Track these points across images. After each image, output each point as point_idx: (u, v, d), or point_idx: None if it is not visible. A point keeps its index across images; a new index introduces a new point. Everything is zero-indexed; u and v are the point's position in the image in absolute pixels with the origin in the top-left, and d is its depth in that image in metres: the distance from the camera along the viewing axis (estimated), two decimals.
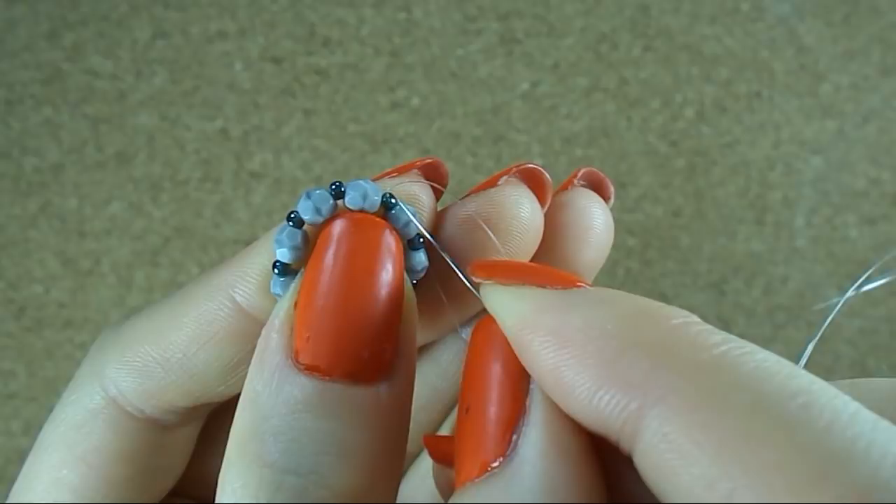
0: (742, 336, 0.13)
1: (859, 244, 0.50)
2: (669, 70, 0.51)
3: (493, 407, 0.14)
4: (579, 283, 0.14)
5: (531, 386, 0.14)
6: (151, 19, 0.51)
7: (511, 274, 0.15)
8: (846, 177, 0.51)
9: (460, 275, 0.17)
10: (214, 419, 0.21)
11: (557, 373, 0.13)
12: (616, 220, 0.20)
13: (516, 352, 0.14)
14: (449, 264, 0.17)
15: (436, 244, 0.17)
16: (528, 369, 0.14)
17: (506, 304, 0.14)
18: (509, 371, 0.14)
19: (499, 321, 0.15)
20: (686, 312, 0.14)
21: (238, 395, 0.16)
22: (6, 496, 0.48)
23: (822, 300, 0.49)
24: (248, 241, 0.48)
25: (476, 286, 0.16)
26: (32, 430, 0.46)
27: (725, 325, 0.48)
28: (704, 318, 0.14)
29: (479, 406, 0.15)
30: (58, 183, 0.48)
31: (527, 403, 0.14)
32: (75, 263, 0.48)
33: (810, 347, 0.18)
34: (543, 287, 0.14)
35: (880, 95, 0.52)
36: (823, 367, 0.49)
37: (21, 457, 0.45)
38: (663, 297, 0.48)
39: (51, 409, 0.19)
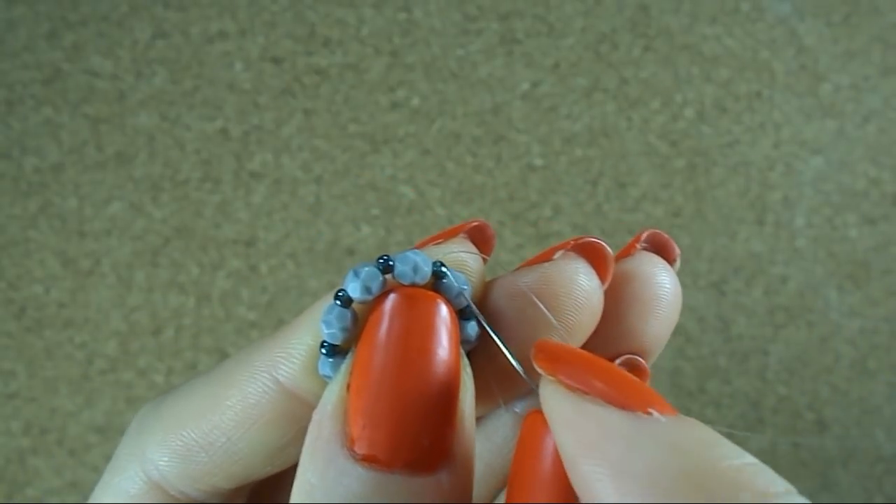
0: (741, 336, 0.12)
1: (859, 244, 0.50)
2: (669, 70, 0.51)
3: None
4: (649, 409, 0.13)
5: None
6: (151, 19, 0.51)
7: (577, 375, 0.13)
8: (846, 177, 0.51)
9: (515, 364, 0.16)
10: (259, 488, 0.20)
11: None
12: (616, 220, 0.19)
13: (569, 473, 0.13)
14: (501, 349, 0.16)
15: (484, 322, 0.16)
16: (578, 495, 0.13)
17: (567, 417, 0.13)
18: (558, 485, 0.13)
19: (556, 435, 0.13)
20: (767, 479, 0.12)
21: (284, 473, 0.15)
22: (6, 496, 0.48)
23: (823, 300, 0.49)
24: (248, 242, 0.48)
25: (530, 374, 0.14)
26: (32, 430, 0.46)
27: (725, 324, 0.48)
28: (704, 319, 0.13)
29: None
30: (58, 183, 0.48)
31: None
32: (75, 263, 0.48)
33: None
34: (610, 406, 0.13)
35: (880, 95, 0.52)
36: (824, 367, 0.49)
37: (21, 457, 0.45)
38: None
39: (51, 410, 0.19)
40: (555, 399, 0.13)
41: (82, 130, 0.49)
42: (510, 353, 0.16)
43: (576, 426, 0.13)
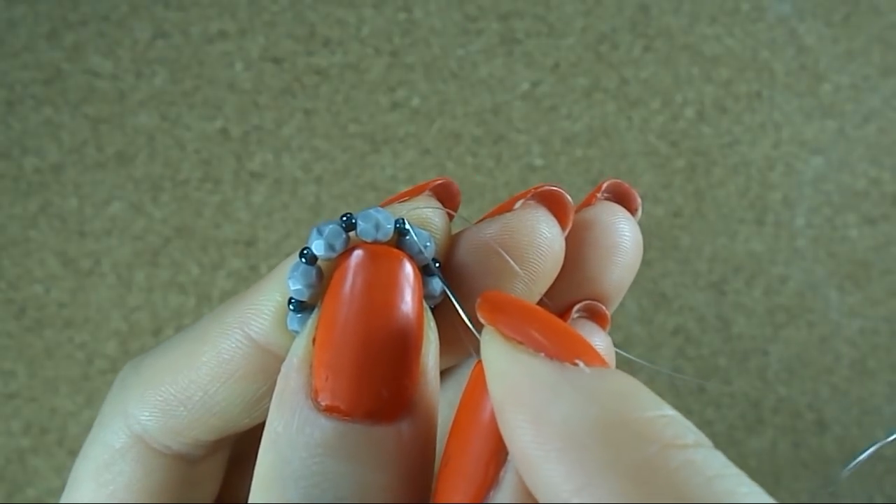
0: (741, 336, 0.12)
1: (859, 244, 0.50)
2: (669, 70, 0.51)
3: (468, 469, 0.14)
4: (576, 360, 0.13)
5: (510, 455, 0.13)
6: (151, 19, 0.51)
7: (515, 325, 0.14)
8: (846, 177, 0.51)
9: (464, 318, 0.16)
10: (243, 441, 0.21)
11: (527, 460, 0.13)
12: None
13: (497, 419, 0.13)
14: (455, 305, 0.17)
15: (444, 281, 0.17)
16: (504, 439, 0.13)
17: (498, 366, 0.13)
18: (492, 433, 0.14)
19: (488, 383, 0.14)
20: (678, 430, 0.12)
21: (264, 424, 0.15)
22: (6, 496, 0.48)
23: (823, 300, 0.49)
24: (249, 242, 0.48)
25: (479, 326, 0.15)
26: (32, 429, 0.46)
27: (725, 324, 0.48)
28: (704, 319, 0.13)
29: (456, 462, 0.14)
30: (58, 183, 0.48)
31: (501, 474, 0.14)
32: (75, 263, 0.48)
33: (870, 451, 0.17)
34: (539, 355, 0.13)
35: (880, 95, 0.52)
36: (824, 368, 0.49)
37: (21, 457, 0.45)
38: (663, 297, 0.48)
39: (51, 410, 0.19)
40: (490, 348, 0.14)
41: (82, 130, 0.49)
42: (461, 307, 0.16)
43: (505, 374, 0.13)
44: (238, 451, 0.21)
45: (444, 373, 0.20)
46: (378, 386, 0.15)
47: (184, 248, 0.48)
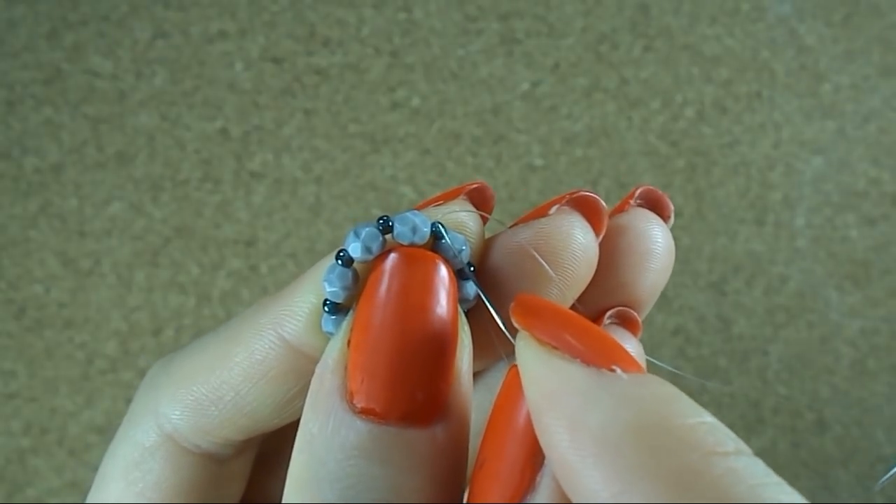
0: (741, 336, 0.12)
1: (859, 244, 0.50)
2: (669, 70, 0.51)
3: (503, 472, 0.14)
4: (613, 366, 0.13)
5: (546, 459, 0.14)
6: (151, 19, 0.51)
7: (549, 329, 0.14)
8: (846, 177, 0.51)
9: (499, 322, 0.16)
10: (269, 441, 0.21)
11: (565, 466, 0.13)
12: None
13: (534, 424, 0.13)
14: (489, 308, 0.17)
15: (478, 285, 0.17)
16: (541, 445, 0.13)
17: (534, 371, 0.13)
18: (528, 437, 0.14)
19: (524, 388, 0.14)
20: (719, 438, 0.12)
21: (293, 423, 0.15)
22: (6, 496, 0.48)
23: (823, 300, 0.49)
24: (249, 242, 0.48)
25: (513, 330, 0.15)
26: (32, 429, 0.46)
27: (725, 324, 0.48)
28: (704, 319, 0.13)
29: (492, 466, 0.14)
30: (58, 183, 0.48)
31: (537, 478, 0.14)
32: (75, 263, 0.48)
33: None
34: (575, 361, 0.13)
35: (880, 95, 0.52)
36: (824, 368, 0.49)
37: (21, 457, 0.45)
38: (663, 298, 0.48)
39: (51, 410, 0.19)
40: (526, 353, 0.14)
41: (82, 130, 0.49)
42: (496, 311, 0.16)
43: (541, 379, 0.13)
44: (264, 450, 0.21)
45: (474, 377, 0.20)
46: (413, 389, 0.15)
47: (184, 248, 0.48)
